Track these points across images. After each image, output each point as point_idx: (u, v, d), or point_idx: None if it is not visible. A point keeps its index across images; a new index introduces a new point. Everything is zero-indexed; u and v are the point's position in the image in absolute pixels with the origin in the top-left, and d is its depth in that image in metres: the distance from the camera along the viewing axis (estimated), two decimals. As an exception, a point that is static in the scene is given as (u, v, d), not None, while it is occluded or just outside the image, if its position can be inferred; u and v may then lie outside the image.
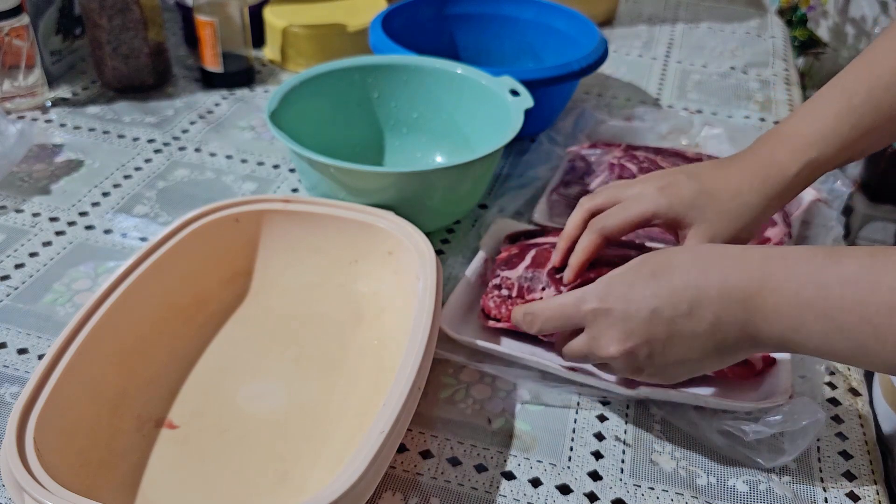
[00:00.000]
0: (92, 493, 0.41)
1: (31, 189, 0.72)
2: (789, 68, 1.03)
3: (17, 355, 0.56)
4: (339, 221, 0.59)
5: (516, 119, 0.65)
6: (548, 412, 0.53)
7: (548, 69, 0.75)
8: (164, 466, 0.47)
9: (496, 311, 0.56)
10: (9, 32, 0.78)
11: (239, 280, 0.60)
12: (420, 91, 0.74)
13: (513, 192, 0.73)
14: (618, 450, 0.51)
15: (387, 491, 0.48)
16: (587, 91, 0.94)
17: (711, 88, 0.96)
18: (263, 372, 0.54)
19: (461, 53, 0.91)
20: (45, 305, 0.60)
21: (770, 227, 0.66)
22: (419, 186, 0.61)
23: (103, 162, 0.77)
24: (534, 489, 0.48)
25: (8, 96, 0.82)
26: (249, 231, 0.60)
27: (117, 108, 0.85)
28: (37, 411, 0.43)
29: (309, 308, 0.59)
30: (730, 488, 0.49)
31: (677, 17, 1.16)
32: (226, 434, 0.50)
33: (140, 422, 0.50)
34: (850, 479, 0.50)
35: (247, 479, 0.47)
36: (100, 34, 0.83)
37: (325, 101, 0.72)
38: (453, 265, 0.65)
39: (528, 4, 0.89)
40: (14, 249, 0.65)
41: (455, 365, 0.56)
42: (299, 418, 0.51)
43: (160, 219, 0.69)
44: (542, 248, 0.59)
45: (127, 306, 0.51)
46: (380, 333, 0.56)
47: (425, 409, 0.53)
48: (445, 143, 0.76)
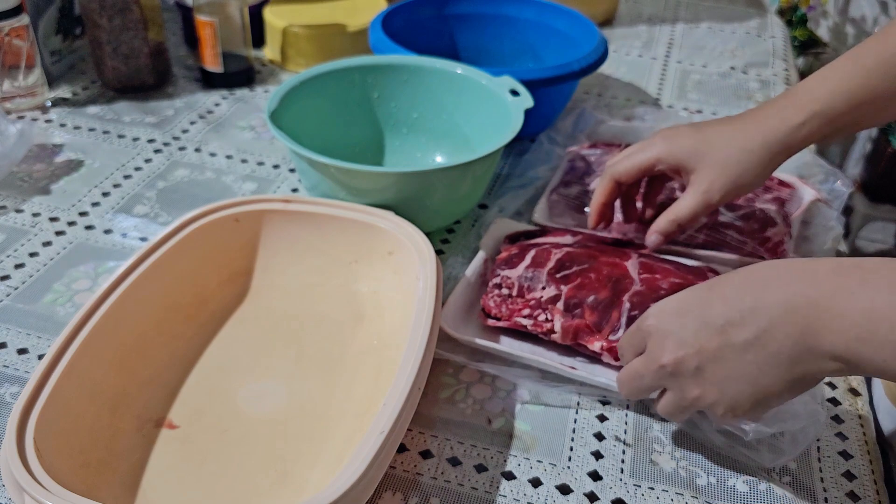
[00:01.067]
0: (92, 493, 0.41)
1: (31, 189, 0.72)
2: (789, 68, 1.03)
3: (16, 355, 0.56)
4: (339, 221, 0.59)
5: (516, 119, 0.65)
6: (548, 412, 0.53)
7: (548, 69, 0.75)
8: (164, 466, 0.47)
9: (496, 310, 0.56)
10: (9, 32, 0.78)
11: (239, 280, 0.60)
12: (420, 91, 0.74)
13: (513, 192, 0.73)
14: (618, 450, 0.51)
15: (387, 491, 0.48)
16: (587, 91, 0.94)
17: (711, 88, 0.96)
18: (263, 372, 0.54)
19: (461, 53, 0.91)
20: (45, 305, 0.60)
21: (770, 227, 0.66)
22: (419, 186, 0.61)
23: (103, 162, 0.77)
24: (534, 489, 0.48)
25: (8, 96, 0.82)
26: (249, 231, 0.60)
27: (117, 108, 0.85)
28: (37, 411, 0.43)
29: (309, 308, 0.59)
30: (730, 488, 0.49)
31: (677, 17, 1.16)
32: (226, 434, 0.50)
33: (140, 422, 0.50)
34: (850, 479, 0.50)
35: (247, 479, 0.47)
36: (100, 34, 0.83)
37: (325, 101, 0.72)
38: (453, 265, 0.65)
39: (528, 4, 0.89)
40: (14, 249, 0.65)
41: (455, 365, 0.56)
42: (299, 418, 0.51)
43: (160, 219, 0.69)
44: (542, 248, 0.59)
45: (127, 306, 0.51)
46: (380, 333, 0.56)
47: (425, 408, 0.53)
48: (445, 144, 0.76)
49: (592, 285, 0.56)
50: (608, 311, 0.54)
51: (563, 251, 0.59)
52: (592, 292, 0.55)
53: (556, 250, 0.59)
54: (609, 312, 0.54)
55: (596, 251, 0.59)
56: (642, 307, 0.53)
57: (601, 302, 0.54)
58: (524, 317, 0.55)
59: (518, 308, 0.56)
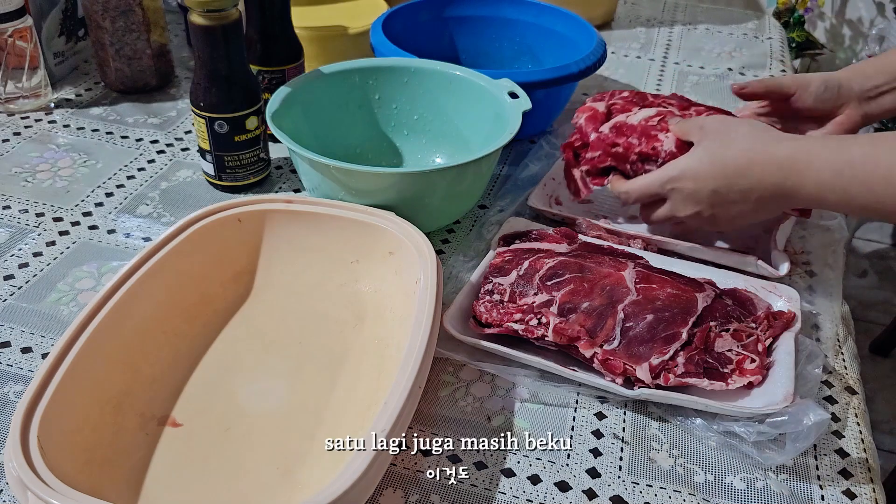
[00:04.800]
0: (96, 491, 0.41)
1: (35, 189, 0.73)
2: (786, 70, 1.04)
3: (20, 354, 0.56)
4: (340, 222, 0.60)
5: (515, 121, 0.66)
6: (547, 410, 0.54)
7: (546, 71, 0.76)
8: (167, 464, 0.48)
9: (487, 316, 0.56)
10: (12, 34, 0.79)
11: (241, 280, 0.61)
12: (420, 93, 0.75)
13: (512, 192, 0.74)
14: (616, 447, 0.52)
15: (388, 488, 0.48)
16: (586, 93, 0.94)
17: (709, 90, 0.97)
18: (265, 371, 0.55)
19: (461, 55, 0.92)
20: (48, 305, 0.60)
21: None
22: (419, 187, 0.62)
23: (107, 162, 0.77)
24: (533, 486, 0.49)
25: (12, 97, 0.83)
26: (252, 231, 0.61)
27: (120, 110, 0.86)
28: (40, 410, 0.44)
29: (311, 307, 0.60)
30: (727, 486, 0.49)
31: (675, 19, 1.16)
32: (228, 432, 0.50)
33: (143, 420, 0.50)
34: (847, 477, 0.50)
35: (249, 477, 0.48)
36: (103, 36, 0.84)
37: (327, 103, 0.73)
38: (453, 265, 0.65)
39: (527, 7, 0.90)
40: (18, 248, 0.65)
41: (455, 363, 0.57)
42: (301, 416, 0.51)
43: (163, 219, 0.70)
44: (536, 257, 0.59)
45: (130, 306, 0.52)
46: (381, 332, 0.57)
47: (425, 406, 0.53)
48: (445, 145, 0.76)
49: (587, 292, 0.55)
50: (603, 318, 0.54)
51: (557, 259, 0.59)
52: (587, 299, 0.55)
53: (549, 259, 0.59)
54: (604, 320, 0.54)
55: (591, 261, 0.59)
56: (637, 317, 0.54)
57: (596, 308, 0.54)
58: (515, 321, 0.55)
59: (510, 313, 0.56)
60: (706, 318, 0.54)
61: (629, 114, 0.67)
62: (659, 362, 0.52)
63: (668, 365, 0.52)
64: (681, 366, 0.52)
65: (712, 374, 0.53)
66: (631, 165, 0.65)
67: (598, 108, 0.68)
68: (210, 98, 0.68)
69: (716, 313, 0.55)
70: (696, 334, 0.53)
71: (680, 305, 0.54)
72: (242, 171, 0.72)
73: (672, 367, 0.52)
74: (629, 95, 0.69)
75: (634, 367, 0.52)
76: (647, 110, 0.67)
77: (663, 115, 0.66)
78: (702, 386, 0.52)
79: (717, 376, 0.53)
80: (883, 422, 1.44)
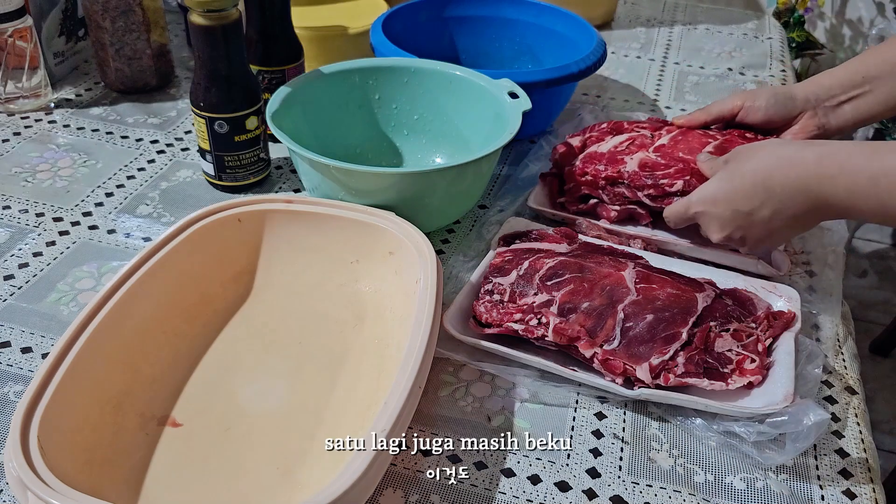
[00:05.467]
0: (96, 491, 0.41)
1: (35, 189, 0.73)
2: (786, 70, 1.04)
3: (20, 354, 0.56)
4: (340, 222, 0.60)
5: (515, 121, 0.66)
6: (547, 410, 0.54)
7: (546, 71, 0.76)
8: (167, 464, 0.48)
9: (487, 316, 0.56)
10: (12, 34, 0.79)
11: (241, 279, 0.61)
12: (420, 93, 0.75)
13: (512, 192, 0.74)
14: (616, 447, 0.52)
15: (388, 488, 0.48)
16: (586, 93, 0.95)
17: (709, 90, 0.97)
18: (265, 370, 0.55)
19: (461, 55, 0.92)
20: (48, 305, 0.60)
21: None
22: (419, 187, 0.62)
23: (106, 162, 0.77)
24: (533, 486, 0.49)
25: (12, 97, 0.83)
26: (252, 231, 0.61)
27: (120, 110, 0.86)
28: (40, 410, 0.44)
29: (311, 307, 0.60)
30: (727, 486, 0.49)
31: (675, 19, 1.16)
32: (228, 432, 0.50)
33: (143, 420, 0.50)
34: (847, 477, 0.51)
35: (249, 477, 0.48)
36: (103, 36, 0.84)
37: (327, 103, 0.73)
38: (453, 265, 0.65)
39: (527, 7, 0.90)
40: (18, 248, 0.65)
41: (455, 363, 0.57)
42: (301, 416, 0.51)
43: (163, 219, 0.70)
44: (536, 257, 0.59)
45: (130, 306, 0.52)
46: (381, 332, 0.57)
47: (425, 406, 0.53)
48: (445, 145, 0.76)
49: (587, 292, 0.55)
50: (603, 318, 0.54)
51: (557, 259, 0.59)
52: (587, 299, 0.55)
53: (549, 259, 0.59)
54: (604, 320, 0.54)
55: (591, 261, 0.59)
56: (637, 317, 0.54)
57: (596, 308, 0.55)
58: (515, 321, 0.55)
59: (510, 312, 0.56)
60: (706, 318, 0.54)
61: (601, 143, 0.71)
62: (659, 362, 0.52)
63: (668, 365, 0.52)
64: (681, 366, 0.52)
65: (712, 374, 0.53)
66: (602, 190, 0.69)
67: (573, 144, 0.73)
68: (210, 98, 0.68)
69: (716, 313, 0.55)
70: (696, 334, 0.53)
71: (680, 305, 0.54)
72: (242, 171, 0.72)
73: (672, 367, 0.52)
74: (606, 127, 0.74)
75: (634, 367, 0.52)
76: (619, 137, 0.71)
77: (634, 139, 0.70)
78: (702, 386, 0.52)
79: (717, 376, 0.53)
80: (883, 422, 1.44)
